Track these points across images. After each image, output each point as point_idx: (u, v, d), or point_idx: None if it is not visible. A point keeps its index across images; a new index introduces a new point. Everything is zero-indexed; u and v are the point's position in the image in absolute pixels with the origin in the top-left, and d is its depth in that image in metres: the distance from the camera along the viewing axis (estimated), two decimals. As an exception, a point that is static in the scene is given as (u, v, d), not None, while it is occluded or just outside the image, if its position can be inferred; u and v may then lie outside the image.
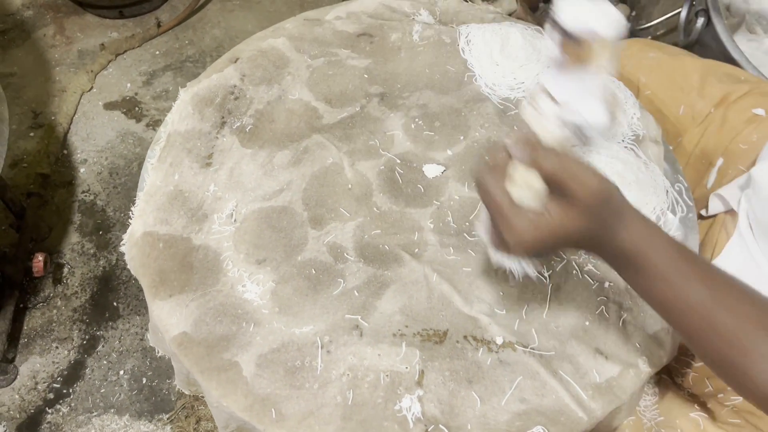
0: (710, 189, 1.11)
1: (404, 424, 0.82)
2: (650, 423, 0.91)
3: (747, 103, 1.10)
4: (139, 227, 0.98)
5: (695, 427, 0.86)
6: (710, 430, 0.85)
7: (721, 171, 1.09)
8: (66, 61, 2.18)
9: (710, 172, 1.11)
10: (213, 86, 1.14)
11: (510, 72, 1.16)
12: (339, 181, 1.04)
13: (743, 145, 1.07)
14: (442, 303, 0.92)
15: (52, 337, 1.58)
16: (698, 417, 0.87)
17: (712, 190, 1.10)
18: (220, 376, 0.85)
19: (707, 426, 0.86)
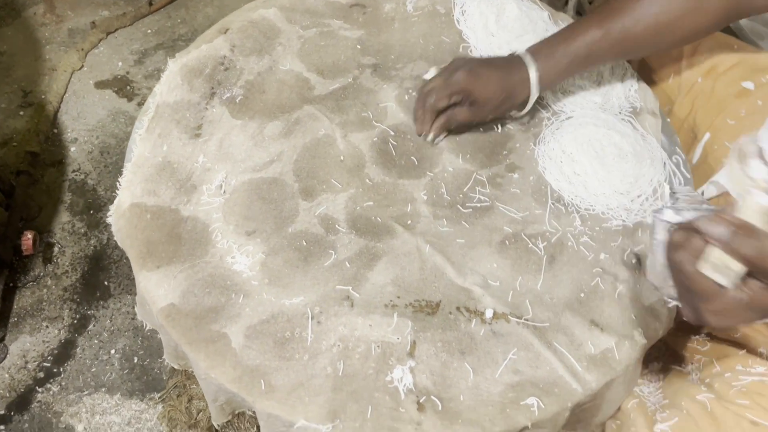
0: (695, 164, 1.08)
1: (396, 396, 0.80)
2: (654, 407, 0.89)
3: (736, 74, 1.07)
4: (126, 198, 0.96)
5: (702, 408, 0.85)
6: (717, 411, 0.84)
7: (707, 147, 1.07)
8: (56, 39, 2.14)
9: (696, 147, 1.08)
10: (202, 57, 1.12)
11: (506, 43, 1.14)
12: (331, 153, 1.02)
13: (731, 121, 1.04)
14: (435, 274, 0.90)
15: (43, 316, 1.56)
16: (705, 399, 0.86)
17: (698, 165, 1.07)
18: (209, 348, 0.84)
19: (714, 407, 0.84)
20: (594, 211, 0.97)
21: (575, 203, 0.97)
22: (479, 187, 0.99)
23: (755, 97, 1.05)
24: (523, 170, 1.01)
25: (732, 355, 0.91)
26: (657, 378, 0.97)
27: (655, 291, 0.79)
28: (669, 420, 0.85)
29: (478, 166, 1.02)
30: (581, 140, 1.01)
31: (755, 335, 0.92)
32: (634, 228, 0.95)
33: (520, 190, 0.99)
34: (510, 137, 1.05)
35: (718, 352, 0.94)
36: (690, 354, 0.97)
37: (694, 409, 0.86)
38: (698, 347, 0.97)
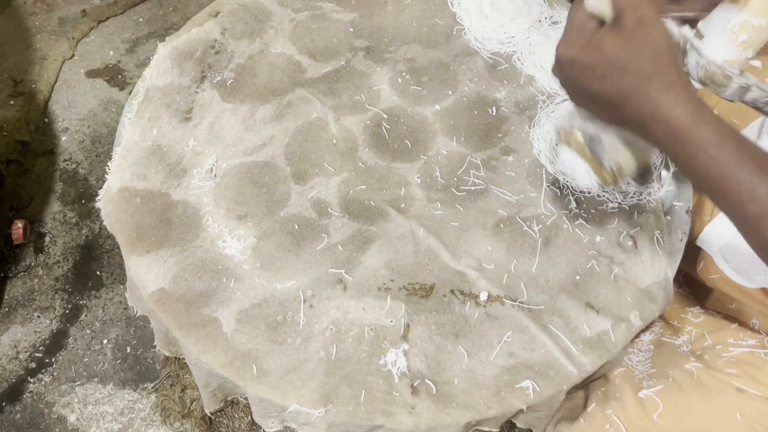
0: None
1: (389, 379, 0.79)
2: (642, 375, 0.89)
3: None
4: (115, 183, 0.95)
5: (689, 376, 0.85)
6: (704, 378, 0.84)
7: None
8: (47, 28, 2.12)
9: None
10: (193, 40, 1.10)
11: (500, 26, 1.13)
12: (323, 136, 1.01)
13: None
14: (429, 257, 0.89)
15: (34, 306, 1.55)
16: (693, 368, 0.86)
17: None
18: (199, 332, 0.82)
19: (701, 374, 0.84)
20: (589, 193, 0.96)
21: (570, 186, 0.96)
22: (474, 170, 0.98)
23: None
24: (518, 153, 1.00)
25: (724, 329, 0.91)
26: (647, 348, 0.96)
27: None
28: (654, 387, 0.85)
29: (472, 149, 1.01)
30: (576, 123, 0.99)
31: (749, 303, 0.91)
32: (630, 210, 0.94)
33: (514, 173, 0.98)
34: (505, 120, 1.04)
35: (711, 325, 0.94)
36: (682, 325, 0.97)
37: (681, 377, 0.86)
38: (692, 319, 0.96)
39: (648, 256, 0.90)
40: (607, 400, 0.87)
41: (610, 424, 0.84)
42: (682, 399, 0.83)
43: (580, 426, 0.88)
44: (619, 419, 0.84)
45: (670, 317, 1.00)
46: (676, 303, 1.03)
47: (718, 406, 0.81)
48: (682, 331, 0.96)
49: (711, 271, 0.95)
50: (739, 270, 0.91)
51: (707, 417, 0.81)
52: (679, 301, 1.03)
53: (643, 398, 0.85)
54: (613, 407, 0.86)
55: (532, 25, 1.13)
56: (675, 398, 0.84)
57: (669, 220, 0.95)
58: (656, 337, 0.98)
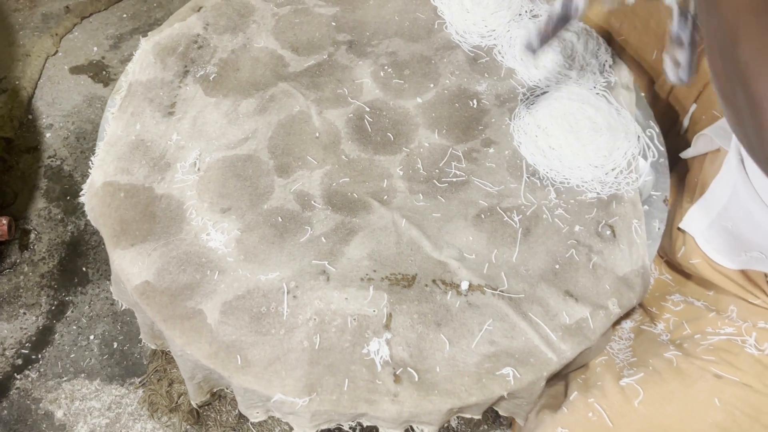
0: (683, 135, 1.10)
1: (372, 368, 0.80)
2: (623, 363, 0.91)
3: None
4: (99, 177, 0.95)
5: (668, 364, 0.86)
6: (683, 366, 0.86)
7: (694, 117, 1.08)
8: (30, 24, 2.11)
9: (683, 118, 1.10)
10: (175, 35, 1.10)
11: (481, 19, 1.14)
12: (306, 130, 1.02)
13: None
14: (411, 248, 0.90)
15: (20, 303, 1.54)
16: (672, 356, 0.87)
17: (685, 135, 1.09)
18: (184, 324, 0.83)
19: (680, 362, 0.86)
20: (569, 184, 0.97)
21: (550, 177, 0.98)
22: (455, 162, 0.99)
23: None
24: (499, 145, 1.01)
25: (702, 317, 0.93)
26: (628, 336, 0.98)
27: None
28: (635, 375, 0.87)
29: (454, 141, 1.02)
30: (556, 114, 1.01)
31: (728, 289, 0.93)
32: (608, 200, 0.96)
33: (495, 164, 0.99)
34: (486, 112, 1.05)
35: (690, 314, 0.95)
36: (661, 312, 0.99)
37: (660, 365, 0.88)
38: (671, 307, 0.98)
39: (626, 245, 0.92)
40: (588, 389, 0.89)
41: (593, 412, 0.86)
42: (661, 386, 0.85)
43: (563, 414, 0.89)
44: (601, 407, 0.85)
45: (649, 304, 1.02)
46: (656, 290, 1.05)
47: (696, 392, 0.83)
48: (660, 318, 0.98)
49: (692, 256, 0.97)
50: (720, 251, 0.93)
51: (686, 403, 0.83)
52: (659, 289, 1.05)
53: (624, 386, 0.86)
54: (594, 395, 0.87)
55: (512, 18, 1.14)
56: (655, 386, 0.85)
57: (647, 210, 0.97)
58: (636, 325, 0.99)
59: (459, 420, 1.37)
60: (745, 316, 0.90)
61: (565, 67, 1.08)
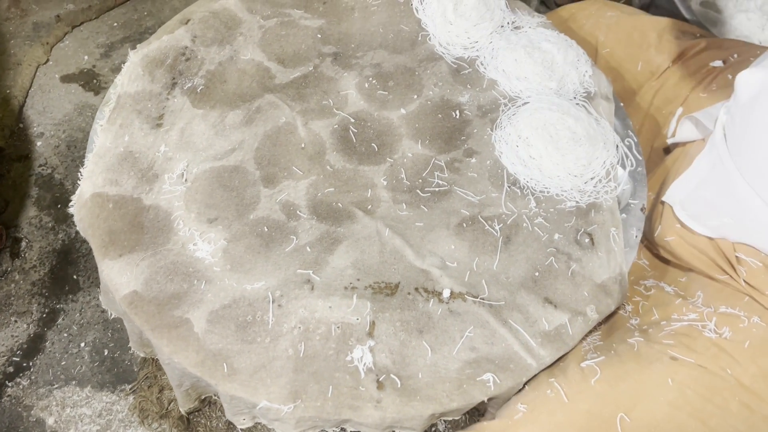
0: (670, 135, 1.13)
1: (356, 375, 0.82)
2: (589, 347, 0.93)
3: (705, 56, 1.13)
4: (88, 188, 0.97)
5: (630, 348, 0.89)
6: (643, 350, 0.89)
7: (680, 120, 1.11)
8: (21, 33, 2.12)
9: (670, 122, 1.13)
10: (164, 48, 1.12)
11: (463, 31, 1.16)
12: (292, 140, 1.04)
13: (703, 94, 1.09)
14: (394, 257, 0.92)
15: (11, 310, 1.55)
16: (634, 341, 0.90)
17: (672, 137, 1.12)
18: (171, 333, 0.85)
19: (641, 346, 0.89)
20: (549, 193, 1.00)
21: (530, 186, 1.00)
22: (438, 172, 1.02)
23: (726, 72, 1.10)
24: (481, 155, 1.04)
25: (670, 304, 0.96)
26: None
27: None
28: (597, 358, 0.90)
29: (436, 152, 1.04)
30: (536, 125, 1.03)
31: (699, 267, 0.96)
32: (587, 209, 0.98)
33: (477, 174, 1.02)
34: (468, 123, 1.08)
35: (659, 299, 0.98)
36: (631, 294, 1.02)
37: (621, 349, 0.91)
38: (643, 291, 1.01)
39: (604, 253, 0.94)
40: (551, 370, 0.91)
41: (551, 390, 0.88)
42: (619, 367, 0.88)
43: (525, 392, 0.91)
44: (559, 385, 0.87)
45: None
46: (632, 274, 1.07)
47: (651, 372, 0.86)
48: (630, 300, 1.01)
49: (667, 233, 1.00)
50: (694, 216, 0.97)
51: (640, 382, 0.86)
52: (635, 273, 1.08)
53: (585, 367, 0.89)
54: (555, 375, 0.90)
55: (494, 30, 1.17)
56: (613, 366, 0.88)
57: (624, 218, 1.00)
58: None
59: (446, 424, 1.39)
60: (710, 302, 0.93)
61: (546, 78, 1.10)
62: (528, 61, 1.11)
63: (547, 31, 1.17)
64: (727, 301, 0.93)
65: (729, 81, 1.09)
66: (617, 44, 1.23)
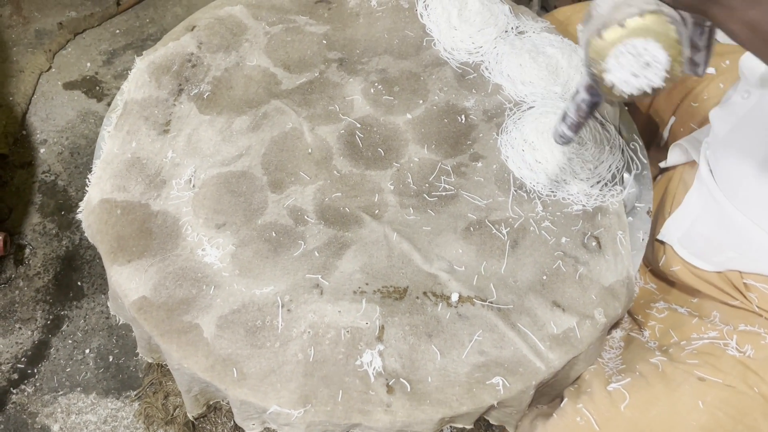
0: (662, 147, 1.13)
1: (365, 379, 0.82)
2: (611, 371, 0.93)
3: None
4: (96, 194, 0.97)
5: (654, 369, 0.89)
6: (668, 370, 0.88)
7: (673, 129, 1.11)
8: (23, 41, 2.13)
9: (663, 131, 1.13)
10: (170, 54, 1.13)
11: (468, 36, 1.17)
12: (299, 146, 1.04)
13: (694, 104, 1.10)
14: (402, 261, 0.93)
15: (15, 317, 1.56)
16: (658, 362, 0.90)
17: (664, 147, 1.12)
18: (181, 339, 0.85)
19: (665, 366, 0.89)
20: (555, 197, 1.00)
21: (537, 190, 1.01)
22: (444, 176, 1.02)
23: (717, 80, 1.10)
24: (487, 159, 1.04)
25: (687, 324, 0.96)
26: (618, 345, 1.01)
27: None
28: (622, 381, 0.89)
29: (443, 156, 1.05)
30: (542, 129, 1.03)
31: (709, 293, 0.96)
32: (594, 212, 0.99)
33: (483, 178, 1.02)
34: (473, 128, 1.08)
35: (674, 320, 0.98)
36: (646, 320, 1.02)
37: (646, 370, 0.90)
38: (656, 314, 1.01)
39: (611, 256, 0.94)
40: (578, 395, 0.91)
41: (581, 417, 0.88)
42: (647, 390, 0.87)
43: (553, 420, 0.91)
44: (588, 412, 0.87)
45: (635, 312, 1.04)
46: (642, 298, 1.08)
47: (680, 395, 0.86)
48: (646, 325, 1.01)
49: (672, 264, 1.00)
50: (697, 254, 0.97)
51: (671, 406, 0.85)
52: (644, 297, 1.08)
53: (612, 391, 0.89)
54: (583, 401, 0.90)
55: (498, 35, 1.17)
56: (641, 390, 0.88)
57: (631, 221, 1.00)
58: (626, 333, 1.02)
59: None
60: (727, 320, 0.93)
61: (551, 82, 1.11)
62: (533, 66, 1.12)
63: (551, 36, 1.18)
64: (745, 319, 0.93)
65: (720, 90, 1.09)
66: None
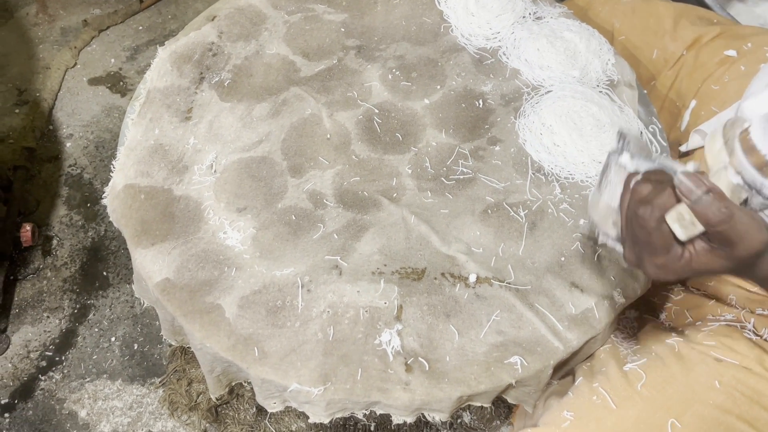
0: (684, 131, 1.12)
1: (384, 358, 0.83)
2: (626, 351, 0.93)
3: (719, 44, 1.12)
4: (120, 180, 0.99)
5: (670, 349, 0.89)
6: (684, 351, 0.88)
7: (694, 112, 1.11)
8: (49, 38, 2.17)
9: (684, 114, 1.13)
10: (191, 43, 1.15)
11: (485, 22, 1.17)
12: (317, 132, 1.05)
13: (715, 87, 1.09)
14: (420, 243, 0.93)
15: (43, 307, 1.59)
16: (674, 342, 0.90)
17: (686, 131, 1.11)
18: (203, 319, 0.87)
19: (681, 347, 0.88)
20: (573, 179, 1.00)
21: (555, 172, 1.01)
22: (462, 160, 1.03)
23: (738, 63, 1.09)
24: (504, 143, 1.04)
25: (703, 305, 0.95)
26: (632, 325, 1.00)
27: (592, 227, 0.77)
28: (638, 361, 0.89)
29: (460, 140, 1.05)
30: (560, 113, 1.04)
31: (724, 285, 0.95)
32: (612, 195, 0.98)
33: (501, 161, 1.02)
34: (491, 112, 1.09)
35: (690, 302, 0.98)
36: (662, 302, 1.01)
37: (662, 350, 0.90)
38: (672, 296, 1.00)
39: (630, 237, 0.94)
40: (593, 375, 0.91)
41: (597, 396, 0.88)
42: (663, 370, 0.87)
43: (569, 398, 0.91)
44: (604, 390, 0.87)
45: (651, 295, 1.04)
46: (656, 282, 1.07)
47: (697, 375, 0.85)
48: (662, 308, 1.00)
49: None
50: None
51: (687, 385, 0.85)
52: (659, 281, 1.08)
53: (628, 371, 0.89)
54: (599, 380, 0.90)
55: (516, 20, 1.18)
56: (657, 370, 0.88)
57: (650, 203, 1.00)
58: (639, 314, 1.02)
59: (472, 416, 1.39)
60: (744, 304, 0.92)
61: (569, 67, 1.11)
62: (550, 51, 1.12)
63: (568, 21, 1.18)
64: (762, 304, 0.92)
65: (742, 72, 1.08)
66: (632, 31, 1.22)
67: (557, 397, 0.93)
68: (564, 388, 0.96)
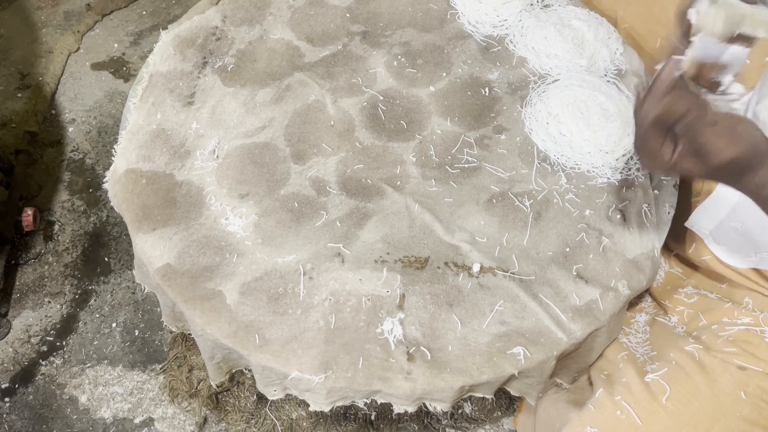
0: None
1: (386, 347, 0.83)
2: (643, 358, 0.92)
3: None
4: (121, 164, 0.98)
5: (690, 358, 0.87)
6: (705, 360, 0.86)
7: None
8: (52, 22, 2.16)
9: None
10: (194, 27, 1.14)
11: (492, 9, 1.16)
12: (321, 118, 1.04)
13: None
14: (424, 232, 0.93)
15: (44, 292, 1.59)
16: (693, 350, 0.88)
17: None
18: (204, 305, 0.86)
19: (702, 356, 0.87)
20: (579, 169, 0.99)
21: (561, 162, 0.99)
22: (467, 149, 1.01)
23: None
24: (510, 131, 1.03)
25: (718, 308, 0.93)
26: (643, 329, 0.99)
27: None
28: (659, 371, 0.88)
29: (466, 128, 1.04)
30: (567, 102, 1.02)
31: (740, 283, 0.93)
32: (619, 185, 0.97)
33: (507, 150, 1.01)
34: (497, 100, 1.07)
35: (704, 305, 0.96)
36: (674, 305, 1.00)
37: (682, 359, 0.88)
38: (684, 299, 0.99)
39: (636, 229, 0.93)
40: (613, 385, 0.89)
41: (621, 410, 0.86)
42: (687, 382, 0.85)
43: (591, 413, 0.89)
44: (628, 405, 0.86)
45: (662, 297, 1.02)
46: (668, 284, 1.05)
47: (722, 386, 0.84)
48: (674, 311, 0.99)
49: (702, 253, 0.97)
50: (730, 251, 0.94)
51: (713, 398, 0.83)
52: (671, 282, 1.06)
53: (650, 382, 0.87)
54: (620, 393, 0.87)
55: (523, 8, 1.16)
56: (680, 381, 0.86)
57: (657, 194, 0.98)
58: (650, 317, 1.00)
59: (473, 407, 1.39)
60: (761, 307, 0.90)
61: (576, 56, 1.09)
62: (558, 39, 1.10)
63: (577, 9, 1.16)
64: None
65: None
66: (636, 19, 1.20)
67: (574, 406, 0.92)
68: (579, 396, 0.95)
